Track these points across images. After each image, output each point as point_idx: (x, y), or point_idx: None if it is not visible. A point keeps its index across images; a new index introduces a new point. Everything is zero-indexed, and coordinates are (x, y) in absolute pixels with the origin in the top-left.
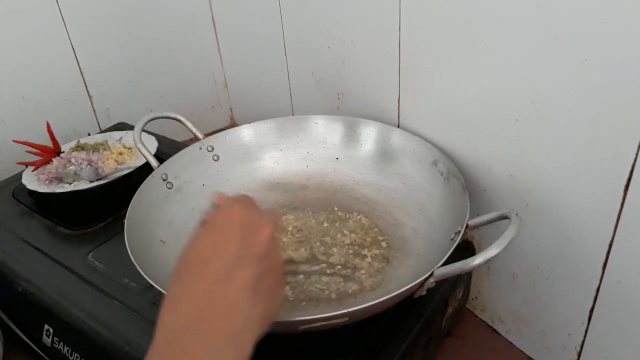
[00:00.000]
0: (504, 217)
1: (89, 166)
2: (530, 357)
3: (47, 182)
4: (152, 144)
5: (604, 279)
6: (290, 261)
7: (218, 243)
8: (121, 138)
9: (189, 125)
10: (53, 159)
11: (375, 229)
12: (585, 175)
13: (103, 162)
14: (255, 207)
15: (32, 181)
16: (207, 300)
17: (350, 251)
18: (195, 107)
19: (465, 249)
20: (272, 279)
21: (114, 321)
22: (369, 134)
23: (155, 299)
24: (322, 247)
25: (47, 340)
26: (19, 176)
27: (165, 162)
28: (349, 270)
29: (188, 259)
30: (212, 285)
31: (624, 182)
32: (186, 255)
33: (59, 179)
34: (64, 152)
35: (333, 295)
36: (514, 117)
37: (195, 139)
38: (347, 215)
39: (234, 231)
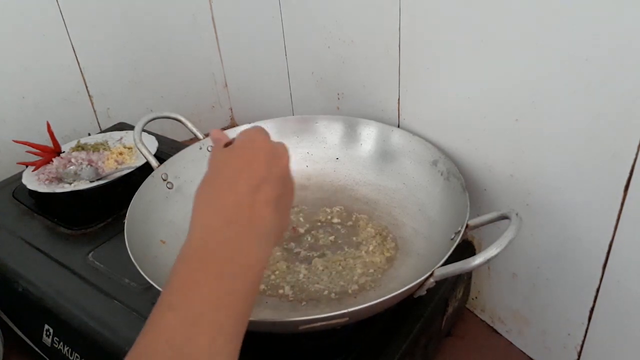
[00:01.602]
0: (504, 217)
1: (89, 166)
2: (530, 357)
3: (47, 182)
4: (153, 144)
5: (604, 279)
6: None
7: (248, 161)
8: (121, 138)
9: (189, 125)
10: (53, 159)
11: (384, 231)
12: (585, 175)
13: (103, 162)
14: (269, 135)
15: (33, 181)
16: (240, 206)
17: (353, 249)
18: (195, 107)
19: (466, 249)
20: (288, 200)
21: (114, 321)
22: (369, 134)
23: (155, 299)
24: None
25: (47, 340)
26: (19, 176)
27: (165, 162)
28: (349, 269)
29: (220, 172)
30: (244, 194)
31: (624, 182)
32: (217, 170)
33: (59, 179)
34: (64, 152)
35: (333, 295)
36: (514, 117)
37: (195, 139)
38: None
39: (262, 154)
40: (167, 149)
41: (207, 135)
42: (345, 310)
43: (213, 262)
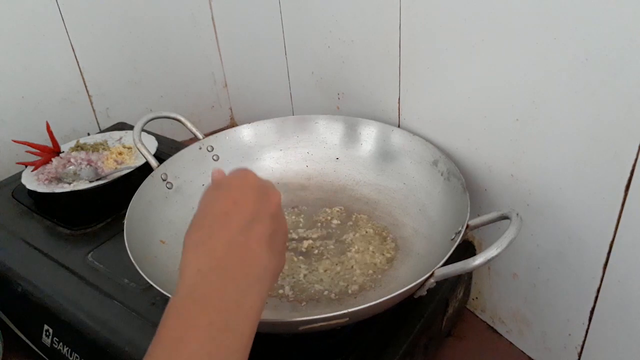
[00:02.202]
0: (504, 217)
1: (88, 166)
2: (530, 358)
3: (46, 182)
4: (152, 144)
5: (604, 279)
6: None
7: (237, 200)
8: (121, 138)
9: (189, 125)
10: (53, 159)
11: (385, 231)
12: (586, 175)
13: (103, 162)
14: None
15: (32, 181)
16: (231, 247)
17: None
18: (195, 107)
19: (466, 249)
20: (282, 237)
21: (114, 321)
22: (369, 134)
23: (154, 299)
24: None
25: (46, 340)
26: (18, 176)
27: (165, 162)
28: (349, 270)
29: (209, 211)
30: (234, 233)
31: (625, 182)
32: (207, 209)
33: (59, 179)
34: (63, 152)
35: (333, 296)
36: (514, 117)
37: (195, 139)
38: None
39: (251, 191)
40: (166, 149)
41: (206, 135)
42: (345, 311)
43: (203, 314)
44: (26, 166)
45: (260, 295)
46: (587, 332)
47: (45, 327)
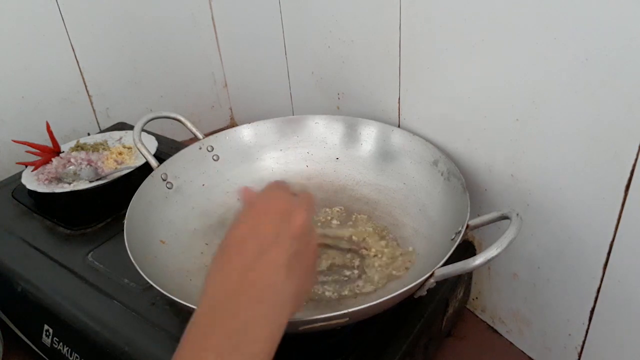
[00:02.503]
0: (504, 217)
1: (88, 166)
2: (530, 358)
3: (46, 182)
4: (152, 144)
5: (604, 279)
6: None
7: (256, 225)
8: (121, 138)
9: (189, 125)
10: (53, 159)
11: (384, 231)
12: (586, 176)
13: (103, 162)
14: (290, 191)
15: (32, 181)
16: (245, 274)
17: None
18: (195, 107)
19: (466, 249)
20: (306, 258)
21: (114, 321)
22: (369, 134)
23: (154, 299)
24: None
25: (46, 340)
26: (18, 176)
27: (165, 162)
28: (353, 271)
29: (229, 238)
30: (249, 261)
31: (625, 182)
32: (228, 235)
33: (59, 179)
34: (63, 152)
35: (333, 296)
36: (514, 117)
37: (195, 139)
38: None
39: (272, 215)
40: (166, 149)
41: (206, 135)
42: (345, 311)
43: (216, 339)
44: (26, 166)
45: (275, 323)
46: (587, 332)
47: (45, 327)
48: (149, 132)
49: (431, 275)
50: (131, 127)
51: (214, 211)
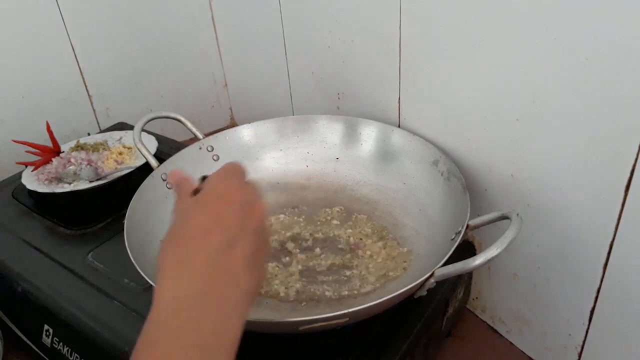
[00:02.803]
0: (504, 217)
1: (88, 166)
2: (530, 358)
3: (46, 182)
4: (152, 144)
5: (604, 279)
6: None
7: (219, 216)
8: (121, 138)
9: (189, 125)
10: (53, 159)
11: (384, 231)
12: (586, 176)
13: (103, 162)
14: (245, 180)
15: (32, 181)
16: (211, 269)
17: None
18: (195, 107)
19: (466, 249)
20: (264, 253)
21: (114, 321)
22: (369, 134)
23: None
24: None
25: (46, 340)
26: (18, 176)
27: (165, 162)
28: (351, 271)
29: (188, 227)
30: (215, 254)
31: (625, 183)
32: (185, 225)
33: (59, 179)
34: (63, 152)
35: (333, 296)
36: (514, 117)
37: (195, 139)
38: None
39: (234, 206)
40: (166, 149)
41: (206, 135)
42: (345, 311)
43: (178, 349)
44: (26, 166)
45: (241, 319)
46: (587, 332)
47: (46, 327)
48: (149, 132)
49: (431, 275)
50: (131, 127)
51: None
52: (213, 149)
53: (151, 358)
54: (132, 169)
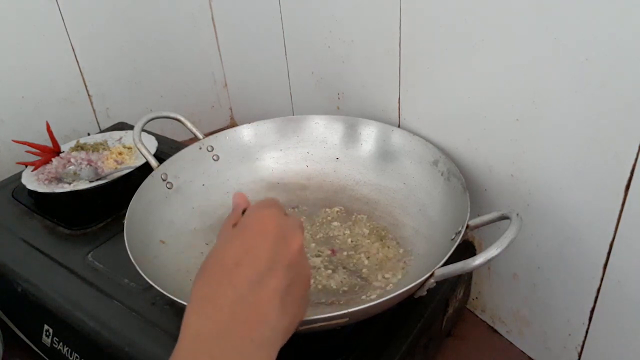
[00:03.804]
0: (504, 217)
1: (88, 166)
2: (530, 358)
3: (46, 182)
4: (152, 144)
5: (604, 279)
6: None
7: (250, 248)
8: (121, 138)
9: (189, 125)
10: (53, 159)
11: (384, 231)
12: (586, 176)
13: (103, 162)
14: (283, 212)
15: (32, 181)
16: (238, 306)
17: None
18: (195, 107)
19: (466, 249)
20: (300, 289)
21: (114, 321)
22: (369, 134)
23: (154, 299)
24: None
25: (46, 340)
26: (18, 176)
27: (165, 162)
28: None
29: (219, 259)
30: (243, 290)
31: (625, 183)
32: (217, 256)
33: (59, 179)
34: (63, 152)
35: (333, 296)
36: (514, 117)
37: (195, 139)
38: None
39: (267, 238)
40: (166, 149)
41: (206, 135)
42: (345, 311)
43: None
44: (26, 166)
45: (269, 357)
46: (587, 332)
47: (45, 327)
48: (149, 132)
49: (431, 275)
50: (131, 127)
51: (214, 211)
52: (213, 149)
53: None
54: (132, 169)
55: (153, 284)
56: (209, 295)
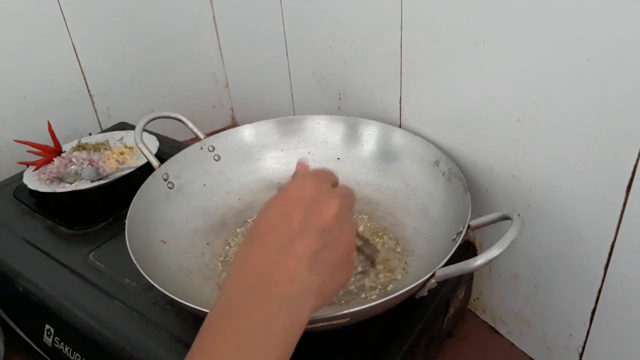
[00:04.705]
0: (505, 218)
1: (90, 166)
2: (531, 358)
3: (48, 181)
4: (153, 144)
5: (605, 279)
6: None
7: (285, 213)
8: (122, 138)
9: (190, 125)
10: (54, 159)
11: (385, 231)
12: (587, 176)
13: (104, 162)
14: (330, 181)
15: (33, 181)
16: (267, 265)
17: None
18: (196, 107)
19: (467, 249)
20: (334, 253)
21: (115, 321)
22: (370, 134)
23: (156, 299)
24: None
25: (48, 340)
26: (20, 176)
27: (166, 162)
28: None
29: (258, 225)
30: (273, 252)
31: (626, 183)
32: (258, 221)
33: (60, 179)
34: (65, 151)
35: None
36: (515, 117)
37: (196, 139)
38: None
39: (302, 203)
40: (168, 149)
41: (208, 135)
42: (346, 311)
43: (230, 332)
44: (28, 166)
45: (294, 316)
46: (588, 332)
47: (47, 326)
48: (150, 132)
49: (432, 276)
50: (132, 127)
51: (215, 211)
52: (214, 149)
53: (209, 340)
54: (133, 169)
55: (154, 284)
56: (245, 255)
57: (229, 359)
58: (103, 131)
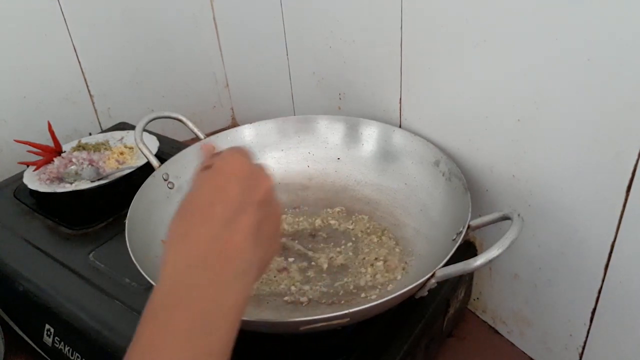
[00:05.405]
0: (505, 218)
1: (90, 166)
2: (531, 358)
3: (48, 181)
4: (154, 144)
5: (606, 279)
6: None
7: (222, 188)
8: (122, 138)
9: (190, 125)
10: (54, 159)
11: (385, 231)
12: (587, 176)
13: (104, 162)
14: (253, 159)
15: (34, 181)
16: (213, 242)
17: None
18: (196, 107)
19: (467, 249)
20: (271, 225)
21: (115, 321)
22: (370, 134)
23: None
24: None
25: (48, 340)
26: (20, 176)
27: (166, 162)
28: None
29: (193, 200)
30: (217, 227)
31: (626, 183)
32: (191, 198)
33: (60, 179)
34: (65, 151)
35: (334, 296)
36: (515, 118)
37: (196, 139)
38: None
39: (238, 179)
40: (168, 149)
41: (208, 135)
42: (346, 311)
43: (181, 316)
44: (28, 166)
45: (243, 291)
46: (588, 332)
47: (47, 326)
48: (150, 132)
49: (432, 276)
50: (132, 127)
51: None
52: (215, 149)
53: (156, 325)
54: (133, 169)
55: (154, 284)
56: (185, 233)
57: (182, 348)
58: (103, 131)
